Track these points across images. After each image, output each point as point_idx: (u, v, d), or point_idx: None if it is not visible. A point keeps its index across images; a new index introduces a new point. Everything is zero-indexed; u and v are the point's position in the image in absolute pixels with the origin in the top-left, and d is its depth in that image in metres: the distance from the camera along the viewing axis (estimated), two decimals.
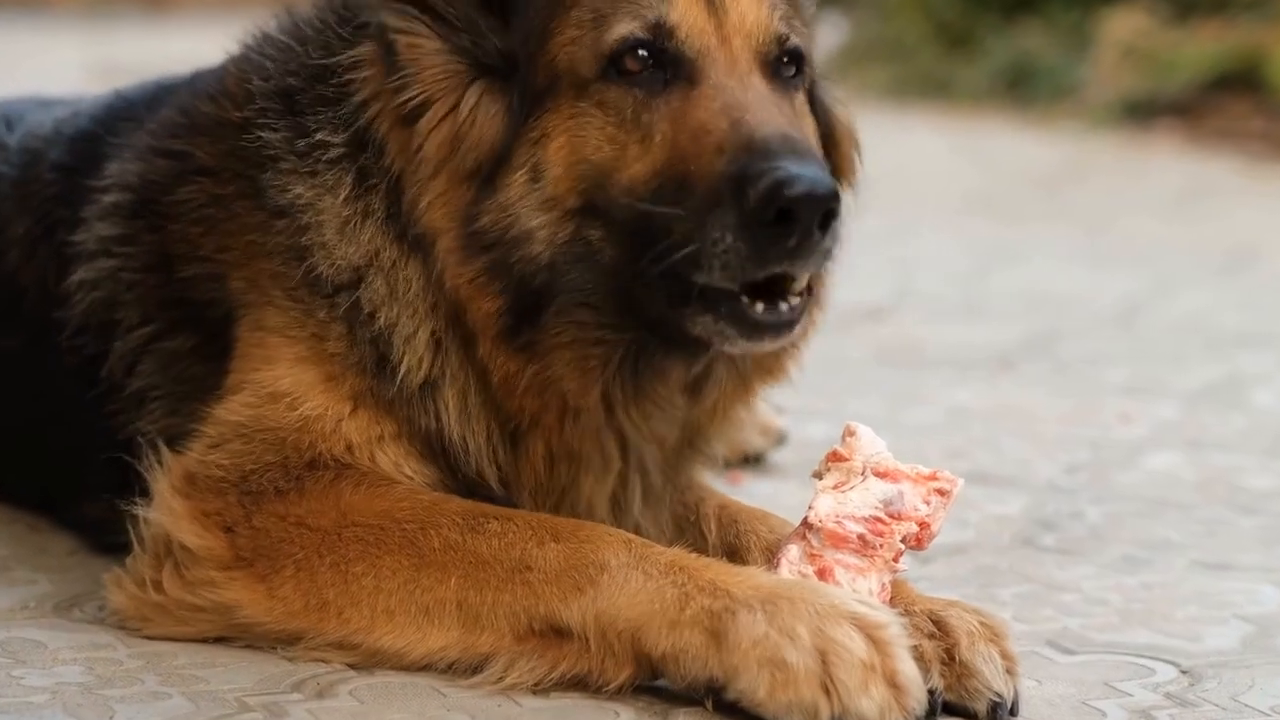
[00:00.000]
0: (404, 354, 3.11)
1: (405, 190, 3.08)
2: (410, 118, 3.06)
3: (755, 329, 2.91)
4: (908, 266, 8.09)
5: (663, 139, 2.93)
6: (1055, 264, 8.25)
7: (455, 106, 3.04)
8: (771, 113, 2.92)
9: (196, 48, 4.19)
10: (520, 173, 3.00)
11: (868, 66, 15.08)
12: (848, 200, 3.33)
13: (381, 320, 3.11)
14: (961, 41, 15.08)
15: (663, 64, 2.99)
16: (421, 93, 3.05)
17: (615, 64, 2.99)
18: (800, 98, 3.16)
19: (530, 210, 2.99)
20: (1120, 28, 13.53)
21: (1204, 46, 13.04)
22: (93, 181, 3.48)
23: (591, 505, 3.18)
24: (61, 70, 12.59)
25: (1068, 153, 12.24)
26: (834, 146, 3.29)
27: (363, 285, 3.12)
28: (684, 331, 2.96)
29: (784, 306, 2.91)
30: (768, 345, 2.98)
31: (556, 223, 2.98)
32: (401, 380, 3.12)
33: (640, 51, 2.99)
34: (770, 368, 3.28)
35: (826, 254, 2.91)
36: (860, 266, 8.04)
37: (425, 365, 3.12)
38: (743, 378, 3.24)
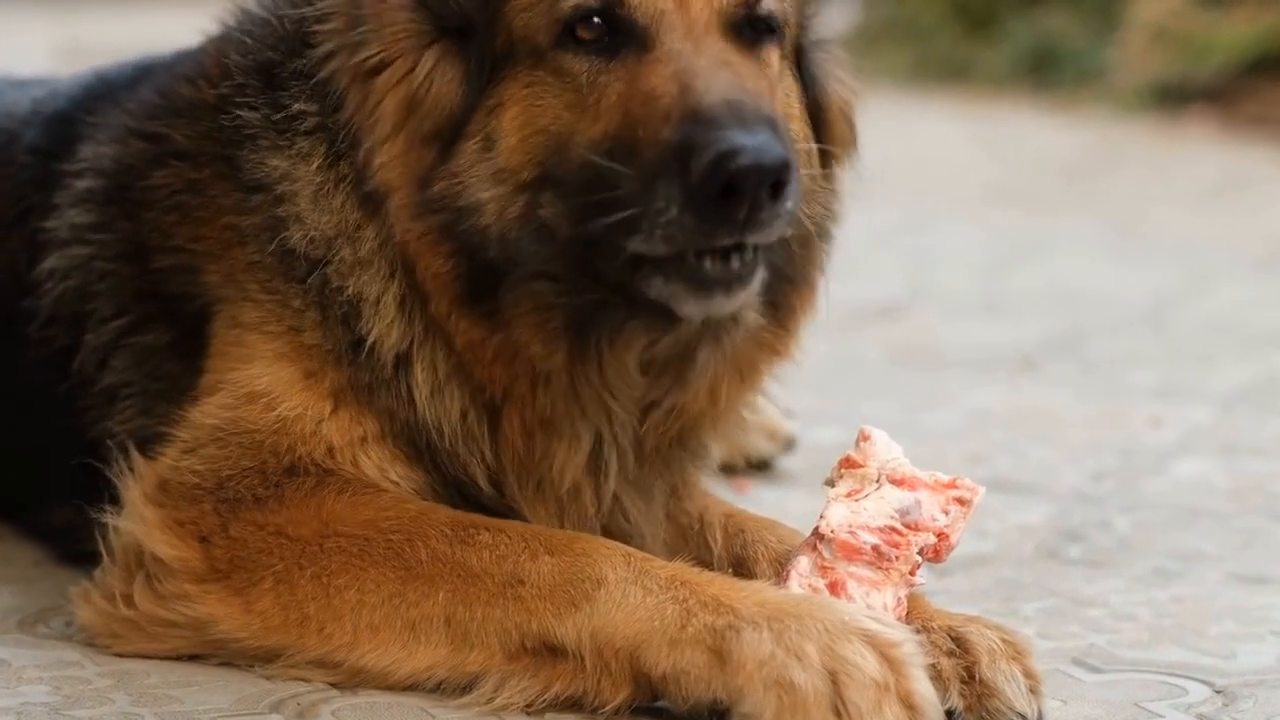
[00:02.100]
0: (372, 323, 3.13)
1: (360, 144, 3.12)
2: (370, 74, 3.11)
3: (704, 286, 2.91)
4: (924, 261, 8.08)
5: (615, 105, 2.95)
6: (1081, 259, 8.24)
7: (414, 67, 3.08)
8: (722, 76, 2.92)
9: (167, 29, 4.19)
10: (473, 141, 3.04)
11: (882, 49, 15.07)
12: (843, 179, 3.33)
13: (350, 289, 3.14)
14: (982, 22, 15.08)
15: (617, 31, 3.01)
16: (380, 51, 3.10)
17: (569, 32, 3.02)
18: (772, 60, 3.13)
19: (480, 181, 3.03)
20: (1150, 8, 13.52)
21: (1240, 28, 13.03)
22: (66, 165, 3.51)
23: (563, 476, 3.17)
24: (28, 52, 12.59)
25: (1094, 140, 12.24)
26: (824, 122, 3.28)
27: (333, 257, 3.15)
28: (644, 296, 2.97)
29: (735, 262, 2.90)
30: (721, 304, 2.96)
31: (507, 197, 3.01)
32: (375, 359, 3.13)
33: (594, 19, 3.01)
34: (769, 345, 3.25)
35: (783, 217, 2.89)
36: (874, 261, 8.06)
37: (395, 333, 3.13)
38: (735, 365, 3.21)
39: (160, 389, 3.33)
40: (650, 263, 2.92)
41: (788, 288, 3.20)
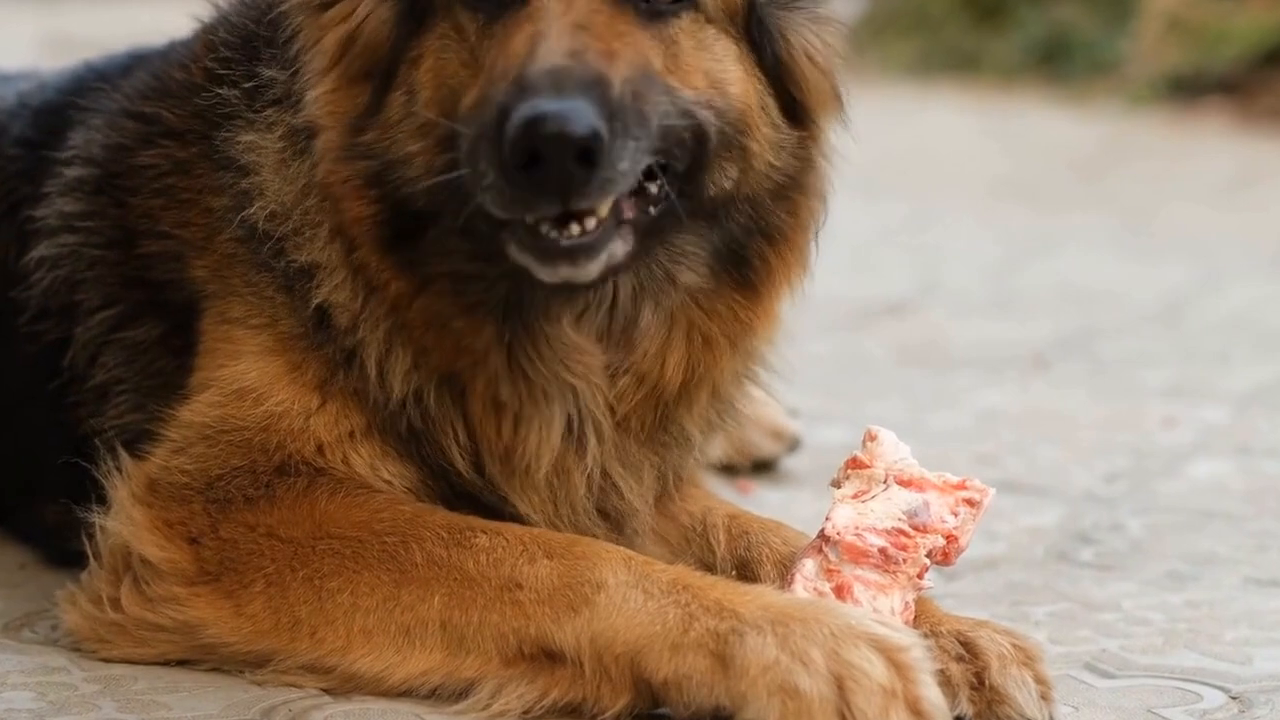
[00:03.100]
0: (323, 286, 3.15)
1: (300, 77, 3.15)
2: (319, 8, 3.15)
3: (548, 253, 2.90)
4: (932, 258, 8.09)
5: (488, 66, 2.96)
6: (1093, 255, 8.25)
7: (357, 5, 3.12)
8: (565, 40, 2.90)
9: (154, 22, 4.21)
10: (399, 93, 3.08)
11: (889, 39, 15.08)
12: (830, 136, 3.28)
13: (302, 258, 3.17)
14: (991, 11, 15.09)
15: None
16: None
17: None
18: (685, 24, 3.08)
19: (408, 134, 3.05)
20: None
21: (1256, 18, 13.04)
22: (56, 154, 3.54)
23: (540, 460, 3.17)
24: (13, 45, 12.60)
25: (1107, 134, 12.25)
26: (791, 77, 3.21)
27: (289, 229, 3.18)
28: (509, 261, 2.96)
29: (575, 228, 2.88)
30: (568, 271, 2.92)
31: (431, 150, 3.03)
32: (333, 328, 3.14)
33: None
34: (734, 313, 3.21)
35: (607, 184, 2.84)
36: (881, 257, 8.07)
37: (344, 295, 3.13)
38: (690, 328, 3.18)
39: (152, 386, 3.35)
40: (503, 227, 2.92)
41: (760, 243, 3.18)
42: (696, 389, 3.26)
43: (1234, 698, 3.16)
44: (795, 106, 3.20)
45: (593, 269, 2.93)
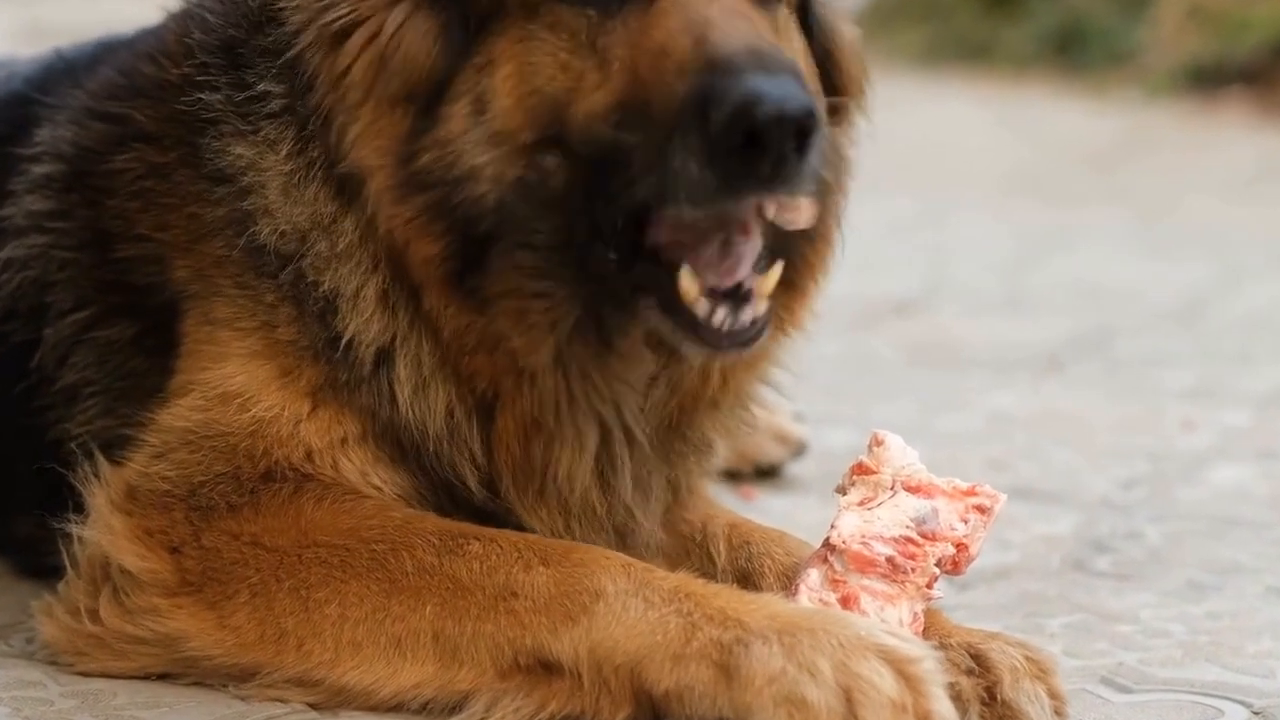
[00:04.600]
0: (349, 319, 3.13)
1: (333, 122, 3.10)
2: (339, 38, 3.09)
3: (704, 339, 2.92)
4: (942, 254, 8.10)
5: (621, 65, 2.94)
6: (1109, 252, 8.26)
7: (385, 23, 3.07)
8: (739, 25, 2.92)
9: (130, 9, 4.21)
10: (462, 103, 3.02)
11: (898, 27, 15.10)
12: (857, 125, 3.36)
13: (326, 284, 3.14)
14: None
15: None
16: (351, 10, 3.09)
17: None
18: (783, 12, 3.16)
19: (476, 145, 3.01)
20: None
21: (1279, 6, 13.05)
22: (23, 150, 3.52)
23: (573, 484, 3.18)
24: None
25: (1123, 126, 12.26)
26: (835, 66, 3.30)
27: (307, 251, 3.15)
28: (632, 310, 2.98)
29: (746, 315, 2.91)
30: (711, 353, 2.98)
31: (506, 159, 3.00)
32: (354, 356, 3.13)
33: None
34: (777, 316, 3.21)
35: (811, 178, 2.88)
36: (889, 254, 8.08)
37: (374, 329, 3.13)
38: None
39: (124, 388, 3.34)
40: (659, 307, 2.93)
41: (797, 237, 3.18)
42: (724, 393, 3.29)
43: (1257, 713, 3.16)
44: (833, 103, 3.23)
45: (744, 353, 2.98)
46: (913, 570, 2.96)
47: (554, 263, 3.02)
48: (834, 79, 3.27)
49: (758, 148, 2.78)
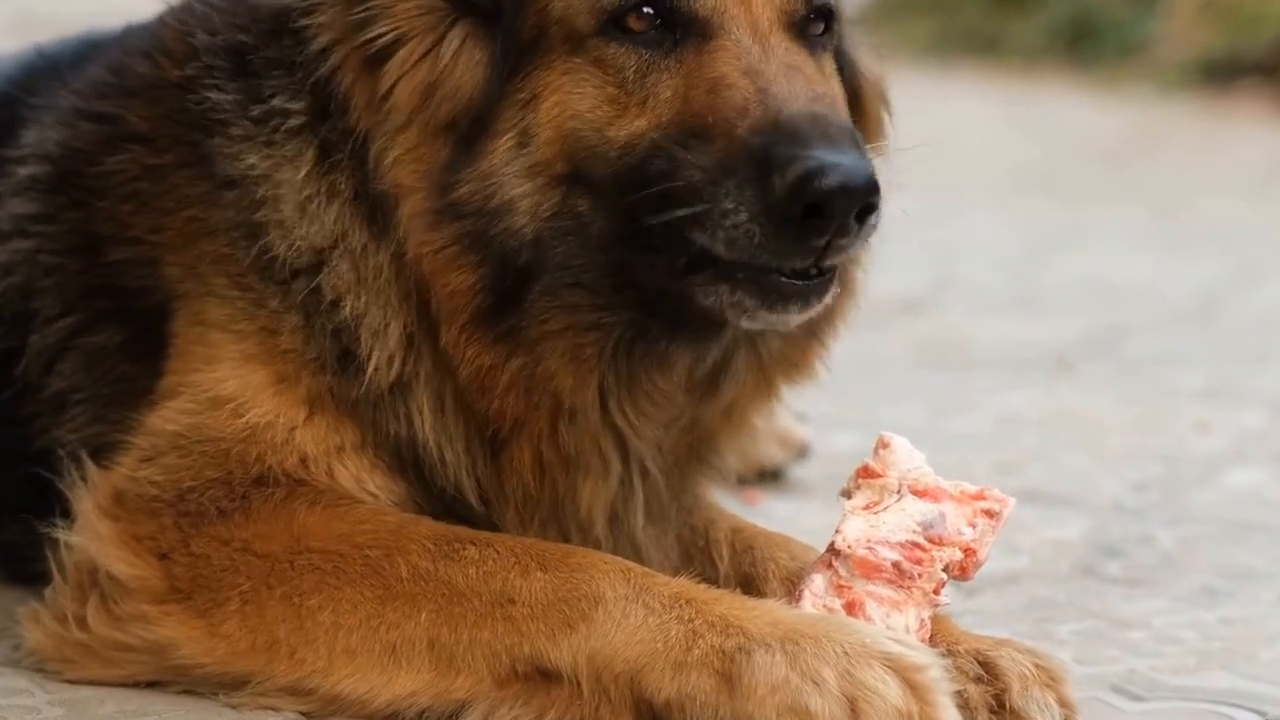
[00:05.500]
0: (372, 349, 3.13)
1: (370, 145, 3.09)
2: (377, 59, 3.08)
3: (778, 296, 2.94)
4: (950, 252, 8.10)
5: (674, 94, 2.99)
6: (1121, 249, 8.26)
7: (434, 48, 3.06)
8: (799, 84, 2.96)
9: (122, 2, 4.20)
10: (506, 138, 3.03)
11: (906, 20, 15.09)
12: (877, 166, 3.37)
13: (347, 309, 3.13)
14: None
15: (671, 24, 3.03)
16: (393, 29, 3.07)
17: (616, 21, 3.03)
18: (829, 60, 3.20)
19: (514, 178, 3.02)
20: None
21: None
22: (8, 151, 3.50)
23: (590, 516, 3.20)
24: None
25: (1136, 121, 12.26)
26: (860, 108, 3.34)
27: (325, 269, 3.14)
28: (691, 305, 3.00)
29: (812, 271, 2.94)
30: (793, 317, 3.00)
31: (540, 191, 3.02)
32: (369, 380, 3.13)
33: (645, 9, 3.03)
34: (795, 362, 3.31)
35: (865, 241, 2.97)
36: (895, 252, 8.04)
37: (397, 364, 3.13)
38: (763, 373, 3.26)
39: (113, 393, 3.33)
40: (714, 267, 2.94)
41: None
42: (740, 424, 3.33)
43: None
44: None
45: (809, 312, 3.00)
46: (919, 576, 2.95)
47: (606, 289, 3.04)
48: (856, 121, 3.26)
49: (819, 219, 2.84)
